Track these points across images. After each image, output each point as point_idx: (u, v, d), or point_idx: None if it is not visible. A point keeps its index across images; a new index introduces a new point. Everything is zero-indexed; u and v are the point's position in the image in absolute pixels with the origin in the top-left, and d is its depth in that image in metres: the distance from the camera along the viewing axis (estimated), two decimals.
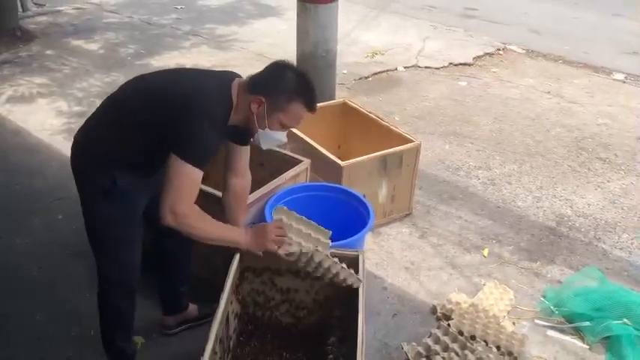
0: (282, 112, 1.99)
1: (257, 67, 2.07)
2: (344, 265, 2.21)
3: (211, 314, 2.00)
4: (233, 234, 2.12)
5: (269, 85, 1.97)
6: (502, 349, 2.51)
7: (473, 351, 2.44)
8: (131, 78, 2.18)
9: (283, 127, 2.05)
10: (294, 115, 2.01)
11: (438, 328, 2.59)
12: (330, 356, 2.35)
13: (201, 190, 2.06)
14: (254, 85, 1.98)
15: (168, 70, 2.27)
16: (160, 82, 2.08)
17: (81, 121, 2.15)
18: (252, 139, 2.13)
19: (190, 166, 1.87)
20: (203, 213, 1.98)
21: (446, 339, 2.51)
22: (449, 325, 2.61)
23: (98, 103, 4.88)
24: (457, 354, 2.43)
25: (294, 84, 1.98)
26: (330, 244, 2.25)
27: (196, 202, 1.96)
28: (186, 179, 1.89)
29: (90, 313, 2.75)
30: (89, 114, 2.14)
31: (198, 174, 1.90)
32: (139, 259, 2.23)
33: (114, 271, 2.23)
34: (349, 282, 2.22)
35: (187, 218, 1.91)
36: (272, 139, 2.07)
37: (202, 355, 1.89)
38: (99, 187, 2.04)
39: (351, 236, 2.56)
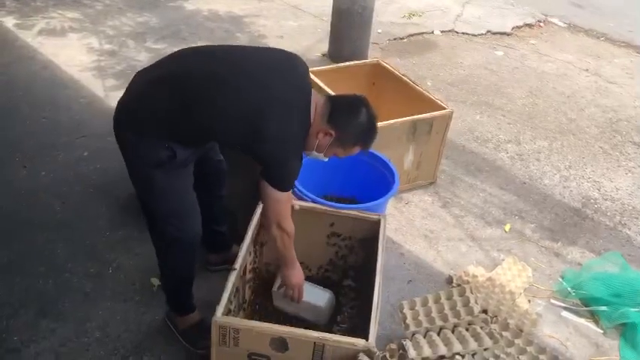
0: (343, 149, 2.05)
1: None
2: None
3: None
4: (293, 262, 2.23)
5: (344, 122, 1.99)
6: (513, 327, 2.49)
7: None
8: (192, 49, 2.04)
9: (333, 155, 2.11)
10: (349, 153, 2.08)
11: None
12: (344, 316, 2.37)
13: None
14: (332, 117, 1.97)
15: (241, 62, 1.99)
16: (240, 88, 1.90)
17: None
18: None
19: (285, 193, 2.00)
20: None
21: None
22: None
23: (129, 42, 4.77)
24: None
25: (364, 129, 2.02)
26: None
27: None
28: (284, 203, 2.05)
29: (108, 251, 2.80)
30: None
31: (290, 194, 2.08)
32: (200, 220, 2.18)
33: (182, 234, 2.13)
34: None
35: (290, 232, 2.09)
36: (315, 158, 2.11)
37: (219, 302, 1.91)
38: (156, 159, 1.96)
39: (374, 200, 2.54)
